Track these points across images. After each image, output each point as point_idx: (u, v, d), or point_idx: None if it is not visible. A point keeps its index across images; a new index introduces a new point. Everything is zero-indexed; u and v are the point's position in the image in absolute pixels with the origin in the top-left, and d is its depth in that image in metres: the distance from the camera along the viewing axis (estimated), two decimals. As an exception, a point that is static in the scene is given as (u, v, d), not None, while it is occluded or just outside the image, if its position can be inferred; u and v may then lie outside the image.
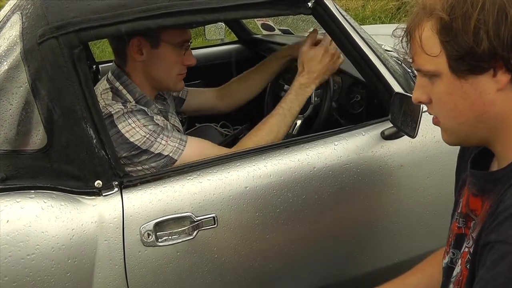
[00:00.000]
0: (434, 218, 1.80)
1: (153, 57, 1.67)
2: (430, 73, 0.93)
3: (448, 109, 0.94)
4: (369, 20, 7.27)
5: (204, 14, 1.49)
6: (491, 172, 0.99)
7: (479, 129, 0.93)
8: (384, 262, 1.85)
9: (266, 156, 1.60)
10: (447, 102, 0.93)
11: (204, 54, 3.04)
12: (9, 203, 1.36)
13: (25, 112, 1.41)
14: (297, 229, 1.65)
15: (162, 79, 1.74)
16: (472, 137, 0.96)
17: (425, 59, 0.92)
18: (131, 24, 1.42)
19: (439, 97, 0.94)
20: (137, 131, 1.55)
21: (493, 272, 0.83)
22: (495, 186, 0.93)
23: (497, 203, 0.89)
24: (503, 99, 0.89)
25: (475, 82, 0.88)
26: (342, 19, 1.65)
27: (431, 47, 0.90)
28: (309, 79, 1.75)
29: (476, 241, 0.93)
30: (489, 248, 0.85)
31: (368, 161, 1.69)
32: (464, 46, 0.85)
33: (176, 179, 1.50)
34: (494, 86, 0.88)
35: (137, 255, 1.46)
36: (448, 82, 0.90)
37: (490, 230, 0.86)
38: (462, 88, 0.89)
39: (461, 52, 0.86)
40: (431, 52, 0.90)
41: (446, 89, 0.92)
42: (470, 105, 0.90)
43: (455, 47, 0.87)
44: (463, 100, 0.90)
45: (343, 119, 1.94)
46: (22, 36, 1.41)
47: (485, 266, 0.85)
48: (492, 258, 0.84)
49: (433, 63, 0.91)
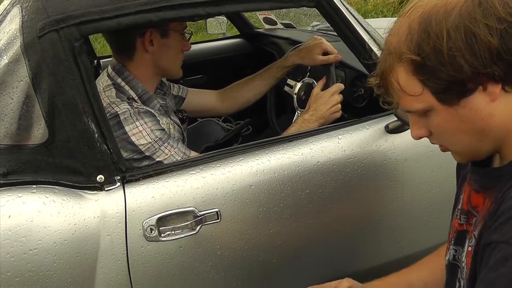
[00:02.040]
0: (438, 212, 1.79)
1: (163, 46, 1.70)
2: (421, 111, 0.92)
3: (450, 136, 0.94)
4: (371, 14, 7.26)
5: (206, 7, 1.48)
6: (492, 169, 0.99)
7: (485, 142, 0.93)
8: (388, 257, 1.84)
9: (270, 150, 1.59)
10: (447, 131, 0.93)
11: (206, 49, 3.03)
12: (10, 198, 1.35)
13: (26, 106, 1.40)
14: (301, 223, 1.64)
15: (169, 67, 1.78)
16: (482, 150, 0.95)
17: (410, 100, 0.91)
18: (133, 17, 1.41)
19: (438, 128, 0.94)
20: (143, 135, 1.55)
21: (496, 273, 0.82)
22: (497, 183, 0.92)
23: (499, 202, 0.88)
24: (500, 108, 0.88)
25: (467, 104, 0.87)
26: (346, 12, 1.64)
27: (412, 88, 0.89)
28: (313, 117, 1.76)
29: (478, 240, 0.93)
30: (492, 248, 0.84)
31: (372, 155, 1.68)
32: (445, 78, 0.85)
33: (179, 174, 1.49)
34: (487, 100, 0.87)
35: (139, 250, 1.45)
36: (443, 113, 0.90)
37: (493, 230, 0.86)
38: (457, 114, 0.89)
39: (444, 84, 0.86)
40: (414, 92, 0.89)
41: (443, 120, 0.91)
42: (470, 125, 0.90)
43: (437, 82, 0.86)
44: (462, 123, 0.90)
45: (347, 112, 1.93)
46: (22, 30, 1.39)
47: (488, 266, 0.85)
48: (495, 258, 0.83)
49: (420, 101, 0.90)
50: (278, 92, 2.24)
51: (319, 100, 1.78)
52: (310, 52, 1.95)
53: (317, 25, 3.16)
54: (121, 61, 1.71)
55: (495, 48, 0.82)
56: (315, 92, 1.82)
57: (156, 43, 1.68)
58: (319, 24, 3.13)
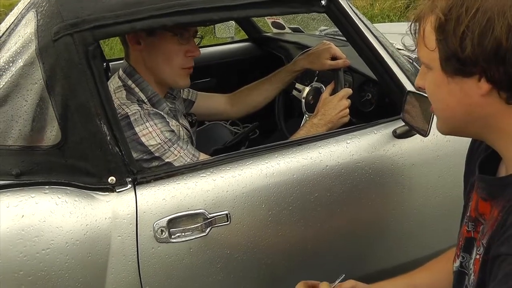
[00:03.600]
0: (445, 217, 1.79)
1: (150, 45, 1.67)
2: (425, 64, 0.97)
3: (437, 100, 0.98)
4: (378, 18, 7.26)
5: (219, 12, 1.50)
6: (499, 178, 0.99)
7: (469, 125, 0.96)
8: (395, 261, 1.85)
9: (279, 154, 1.60)
10: (435, 94, 0.97)
11: (214, 52, 3.04)
12: (24, 198, 1.37)
13: (39, 108, 1.42)
14: (309, 226, 1.65)
15: (162, 71, 1.71)
16: (463, 131, 0.99)
17: (424, 51, 0.95)
18: (146, 22, 1.43)
19: (429, 87, 0.98)
20: (153, 136, 1.56)
21: (506, 285, 0.83)
22: (504, 192, 0.93)
23: (508, 213, 0.89)
24: (489, 104, 0.90)
25: (460, 83, 0.90)
26: (355, 17, 1.66)
27: (430, 41, 0.92)
28: (322, 121, 1.77)
29: (487, 249, 0.94)
30: (501, 261, 0.85)
31: (380, 160, 1.69)
32: (451, 48, 0.87)
33: (189, 176, 1.50)
34: (478, 91, 0.89)
35: (150, 251, 1.46)
36: (437, 76, 0.93)
37: (502, 242, 0.86)
38: (448, 85, 0.92)
39: (448, 53, 0.88)
40: (429, 46, 0.93)
41: (435, 82, 0.95)
42: (457, 103, 0.93)
43: (445, 47, 0.89)
44: (449, 96, 0.93)
45: (354, 117, 1.94)
46: (37, 33, 1.41)
47: (497, 279, 0.85)
48: (505, 272, 0.83)
49: (429, 57, 0.93)
50: (286, 96, 2.25)
51: (327, 104, 1.79)
52: (319, 56, 1.96)
53: (325, 30, 3.17)
54: (128, 61, 1.73)
55: (503, 49, 0.83)
56: (323, 97, 1.83)
57: (143, 42, 1.66)
58: (327, 28, 3.14)
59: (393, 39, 2.03)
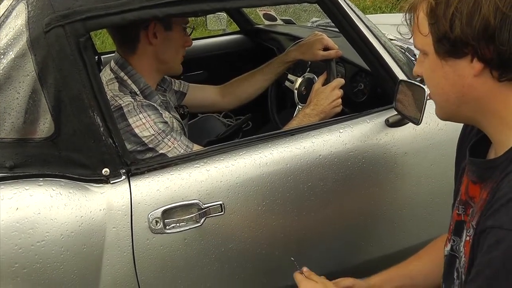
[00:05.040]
0: (438, 205, 1.81)
1: (166, 39, 1.72)
2: (421, 50, 1.00)
3: (433, 85, 1.01)
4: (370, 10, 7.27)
5: (211, 2, 1.50)
6: (488, 160, 1.02)
7: (463, 109, 0.98)
8: (389, 249, 1.87)
9: (272, 144, 1.61)
10: (431, 79, 1.01)
11: (206, 45, 3.05)
12: (18, 190, 1.37)
13: (32, 100, 1.41)
14: (303, 216, 1.66)
15: (171, 61, 1.80)
16: (458, 115, 1.02)
17: (419, 37, 0.98)
18: (137, 13, 1.42)
19: (426, 73, 1.01)
20: (147, 127, 1.57)
21: (489, 256, 0.86)
22: (493, 174, 0.96)
23: (495, 190, 0.91)
24: (481, 84, 0.93)
25: (454, 65, 0.94)
26: (347, 8, 1.66)
27: (423, 27, 0.96)
28: (314, 111, 1.78)
29: (476, 229, 0.96)
30: (486, 234, 0.88)
31: (372, 148, 1.70)
32: (441, 30, 0.91)
33: (183, 167, 1.51)
34: (471, 72, 0.92)
35: (145, 242, 1.47)
36: (432, 61, 0.97)
37: (487, 217, 0.89)
38: (443, 69, 0.95)
39: (440, 35, 0.92)
40: (423, 32, 0.96)
41: (430, 67, 0.98)
42: (451, 86, 0.96)
43: (436, 30, 0.92)
44: (444, 79, 0.96)
45: (347, 107, 1.95)
46: (28, 25, 1.41)
47: (482, 250, 0.89)
48: (489, 243, 0.87)
49: (423, 42, 0.97)
50: (279, 87, 2.26)
51: (320, 95, 1.80)
52: (311, 47, 1.97)
53: (316, 21, 3.17)
54: (124, 55, 1.73)
55: (491, 28, 0.86)
56: (316, 87, 1.84)
57: (160, 36, 1.70)
58: (319, 20, 3.14)
59: (386, 30, 2.03)
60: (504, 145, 0.95)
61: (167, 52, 1.75)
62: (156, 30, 1.68)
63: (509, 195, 0.85)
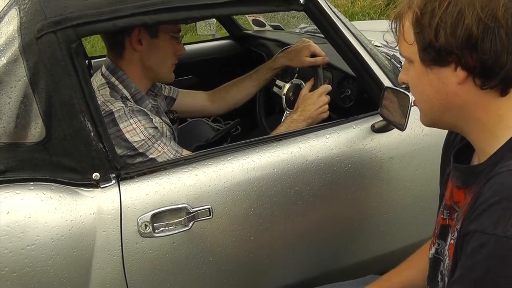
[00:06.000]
0: (423, 209, 1.85)
1: (152, 46, 1.73)
2: (406, 58, 1.03)
3: (418, 93, 1.04)
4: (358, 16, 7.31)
5: (200, 9, 1.52)
6: (472, 166, 1.05)
7: (446, 116, 1.02)
8: (375, 252, 1.89)
9: (260, 149, 1.63)
10: (416, 86, 1.04)
11: (195, 50, 3.06)
12: (9, 194, 1.38)
13: (23, 105, 1.42)
14: (290, 219, 1.69)
15: (158, 69, 1.80)
16: (442, 121, 1.05)
17: (404, 45, 1.01)
18: (128, 20, 1.44)
19: (411, 81, 1.04)
20: (137, 132, 1.59)
21: (473, 259, 0.89)
22: (476, 179, 0.99)
23: (477, 196, 0.94)
24: (465, 92, 0.96)
25: (438, 73, 0.97)
26: (333, 15, 1.69)
27: (408, 35, 0.99)
28: (301, 117, 1.81)
29: (459, 232, 0.99)
30: (469, 238, 0.91)
31: (359, 154, 1.73)
32: (427, 39, 0.94)
33: (172, 172, 1.53)
34: (455, 80, 0.95)
35: (134, 246, 1.48)
36: (418, 69, 1.00)
37: (470, 221, 0.92)
38: (427, 76, 0.99)
39: (425, 44, 0.95)
40: (408, 41, 0.99)
41: (415, 74, 1.01)
42: (436, 93, 0.99)
43: (421, 39, 0.96)
44: (429, 87, 0.99)
45: (334, 113, 1.98)
46: (20, 31, 1.42)
47: (466, 254, 0.91)
48: (472, 246, 0.89)
49: (409, 50, 1.00)
50: (267, 93, 2.28)
51: (307, 100, 1.83)
52: (298, 54, 2.00)
53: (305, 27, 3.20)
54: (114, 60, 1.75)
55: (474, 37, 0.90)
56: (303, 93, 1.87)
57: (145, 43, 1.71)
58: (307, 26, 3.17)
59: (373, 37, 2.07)
60: (486, 152, 0.99)
61: (152, 59, 1.75)
62: (141, 37, 1.70)
63: (491, 200, 0.88)
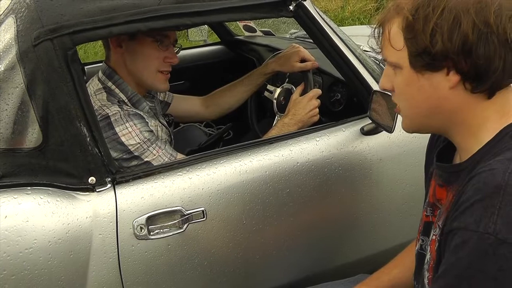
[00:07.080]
0: (412, 209, 1.88)
1: (131, 49, 1.74)
2: (393, 65, 1.04)
3: (406, 99, 1.05)
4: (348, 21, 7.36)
5: (192, 17, 1.55)
6: (454, 165, 1.09)
7: (434, 120, 1.04)
8: (366, 252, 1.93)
9: (252, 152, 1.66)
10: (405, 93, 1.04)
11: (187, 55, 3.08)
12: (6, 199, 1.40)
13: (21, 111, 1.45)
14: (282, 221, 1.72)
15: (140, 74, 1.78)
16: (427, 126, 1.07)
17: (390, 51, 1.02)
18: (122, 27, 1.48)
19: (399, 87, 1.05)
20: (133, 136, 1.62)
21: (456, 256, 0.92)
22: (458, 178, 1.02)
23: (460, 194, 0.97)
24: (456, 96, 0.98)
25: (430, 78, 0.98)
26: (322, 22, 1.72)
27: (396, 41, 1.00)
28: (292, 120, 1.84)
29: (442, 229, 1.02)
30: (453, 235, 0.94)
31: (348, 156, 1.76)
32: (421, 45, 0.95)
33: (166, 175, 1.56)
34: (446, 84, 0.97)
35: (130, 248, 1.51)
36: (407, 75, 1.01)
37: (454, 218, 0.95)
38: (418, 82, 1.00)
39: (419, 50, 0.96)
40: (396, 46, 1.00)
41: (405, 81, 1.02)
42: (426, 98, 1.00)
43: (414, 45, 0.97)
44: (419, 92, 1.01)
45: (324, 116, 2.01)
46: (17, 39, 1.45)
47: (449, 250, 0.94)
48: (455, 243, 0.92)
49: (397, 56, 1.01)
50: (258, 97, 2.31)
51: (298, 105, 1.86)
52: (289, 59, 2.04)
53: (295, 33, 3.23)
54: (107, 63, 1.78)
55: (469, 43, 0.92)
56: (294, 98, 1.90)
57: (125, 45, 1.73)
58: (297, 31, 3.20)
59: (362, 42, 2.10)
60: (468, 152, 1.02)
61: (134, 63, 1.76)
62: (121, 40, 1.72)
63: (474, 198, 0.91)
